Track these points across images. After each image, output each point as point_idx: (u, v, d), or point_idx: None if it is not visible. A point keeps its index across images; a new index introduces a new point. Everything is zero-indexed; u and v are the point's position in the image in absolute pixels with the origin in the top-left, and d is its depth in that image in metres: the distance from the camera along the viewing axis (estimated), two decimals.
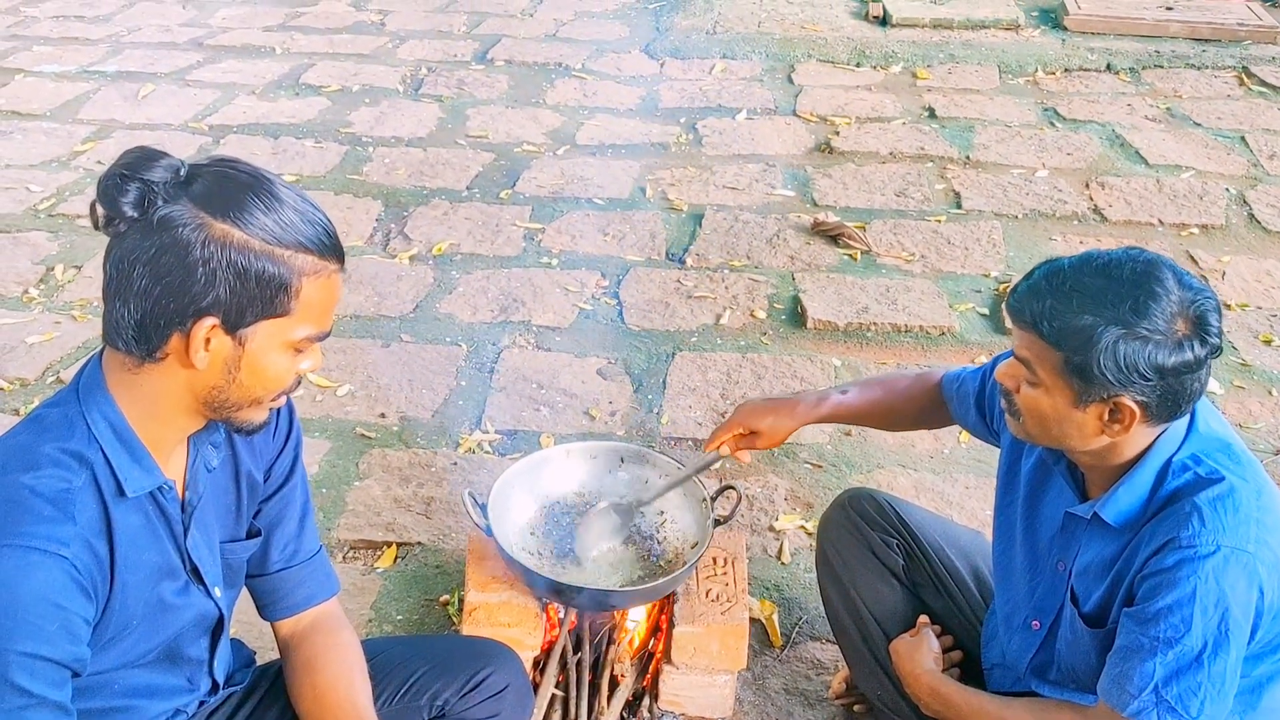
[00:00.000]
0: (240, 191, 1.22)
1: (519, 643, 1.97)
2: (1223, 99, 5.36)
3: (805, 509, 2.79)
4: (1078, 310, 1.43)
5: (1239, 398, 3.22)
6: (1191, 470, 1.53)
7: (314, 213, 1.27)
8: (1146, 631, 1.49)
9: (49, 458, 1.25)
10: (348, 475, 2.86)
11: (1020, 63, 5.75)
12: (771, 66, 5.76)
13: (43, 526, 1.21)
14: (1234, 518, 1.47)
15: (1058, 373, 1.47)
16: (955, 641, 1.95)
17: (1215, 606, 1.45)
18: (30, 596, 1.18)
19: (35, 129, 4.86)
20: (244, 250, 1.21)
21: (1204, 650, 1.46)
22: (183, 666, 1.49)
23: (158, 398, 1.29)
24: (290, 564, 1.60)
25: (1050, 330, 1.46)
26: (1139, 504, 1.56)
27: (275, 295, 1.24)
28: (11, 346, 3.33)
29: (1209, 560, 1.45)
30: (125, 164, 1.22)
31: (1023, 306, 1.49)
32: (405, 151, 4.73)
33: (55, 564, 1.20)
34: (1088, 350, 1.42)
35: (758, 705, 2.25)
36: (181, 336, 1.23)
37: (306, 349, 1.31)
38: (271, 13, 6.47)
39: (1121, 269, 1.45)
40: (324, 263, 1.27)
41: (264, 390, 1.31)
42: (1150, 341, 1.41)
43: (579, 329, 3.51)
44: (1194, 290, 1.44)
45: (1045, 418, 1.53)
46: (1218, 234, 4.14)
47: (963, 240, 4.03)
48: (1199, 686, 1.47)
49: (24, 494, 1.22)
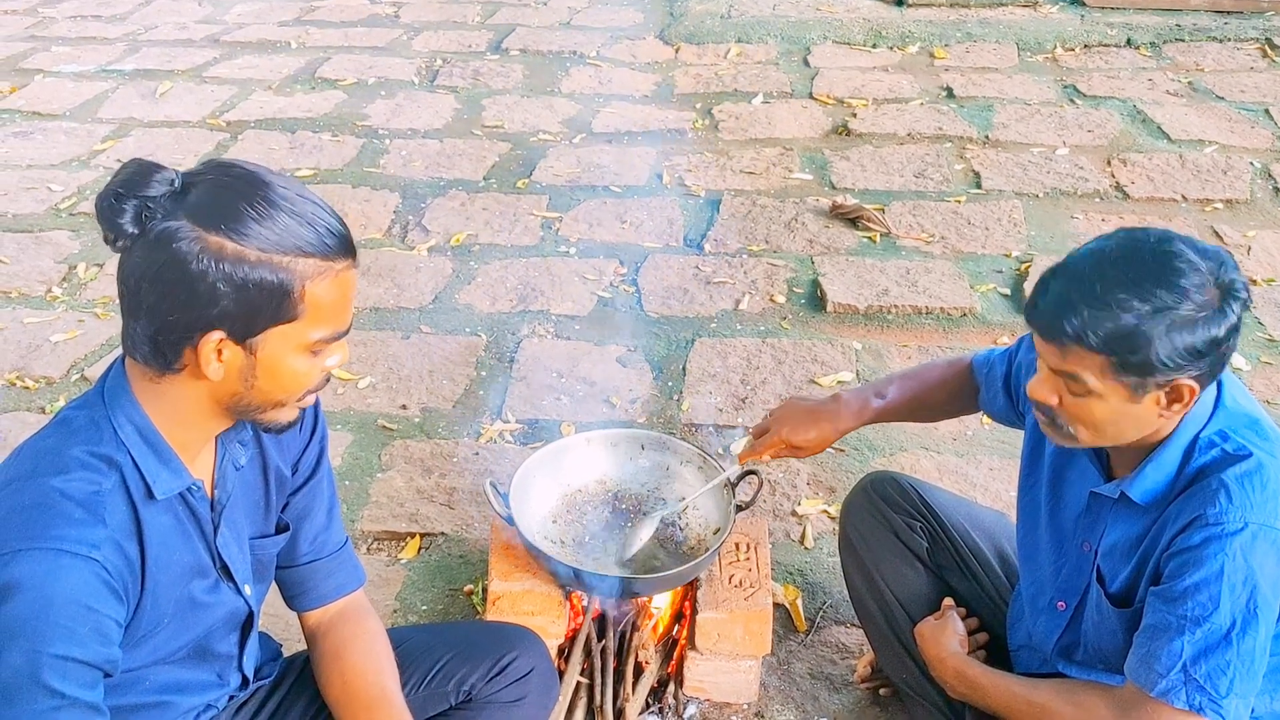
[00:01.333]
0: (234, 200, 1.20)
1: (543, 630, 1.97)
2: (1246, 71, 5.28)
3: (828, 493, 2.78)
4: (1117, 313, 1.40)
5: (1266, 373, 3.19)
6: (1219, 446, 1.51)
7: (315, 212, 1.24)
8: (1174, 610, 1.48)
9: (78, 461, 1.26)
10: (371, 467, 2.88)
11: (1039, 40, 5.69)
12: (787, 49, 5.72)
13: (73, 529, 1.21)
14: (1262, 494, 1.46)
15: (1108, 375, 1.44)
16: (981, 624, 1.94)
17: (1244, 584, 1.44)
18: (62, 599, 1.19)
19: (55, 129, 4.89)
20: (239, 261, 1.19)
21: (1232, 628, 1.45)
22: (213, 662, 1.50)
23: (181, 404, 1.30)
24: (318, 556, 1.61)
25: (1098, 340, 1.41)
26: (1166, 481, 1.54)
27: (280, 302, 1.22)
28: (36, 345, 3.36)
29: (1237, 537, 1.44)
30: (121, 181, 1.21)
31: (1058, 322, 1.44)
32: (422, 143, 4.73)
33: (86, 566, 1.21)
34: (1143, 348, 1.39)
35: (783, 690, 2.25)
36: (193, 350, 1.23)
37: (325, 348, 1.30)
38: (286, 8, 6.48)
39: (1140, 255, 1.42)
40: (328, 263, 1.24)
41: (285, 393, 1.31)
42: (1198, 321, 1.39)
43: (598, 317, 3.51)
44: (1211, 255, 1.43)
45: (1100, 421, 1.50)
46: (1243, 208, 4.08)
47: (983, 220, 4.00)
48: (1228, 665, 1.46)
49: (55, 497, 1.22)
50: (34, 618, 1.18)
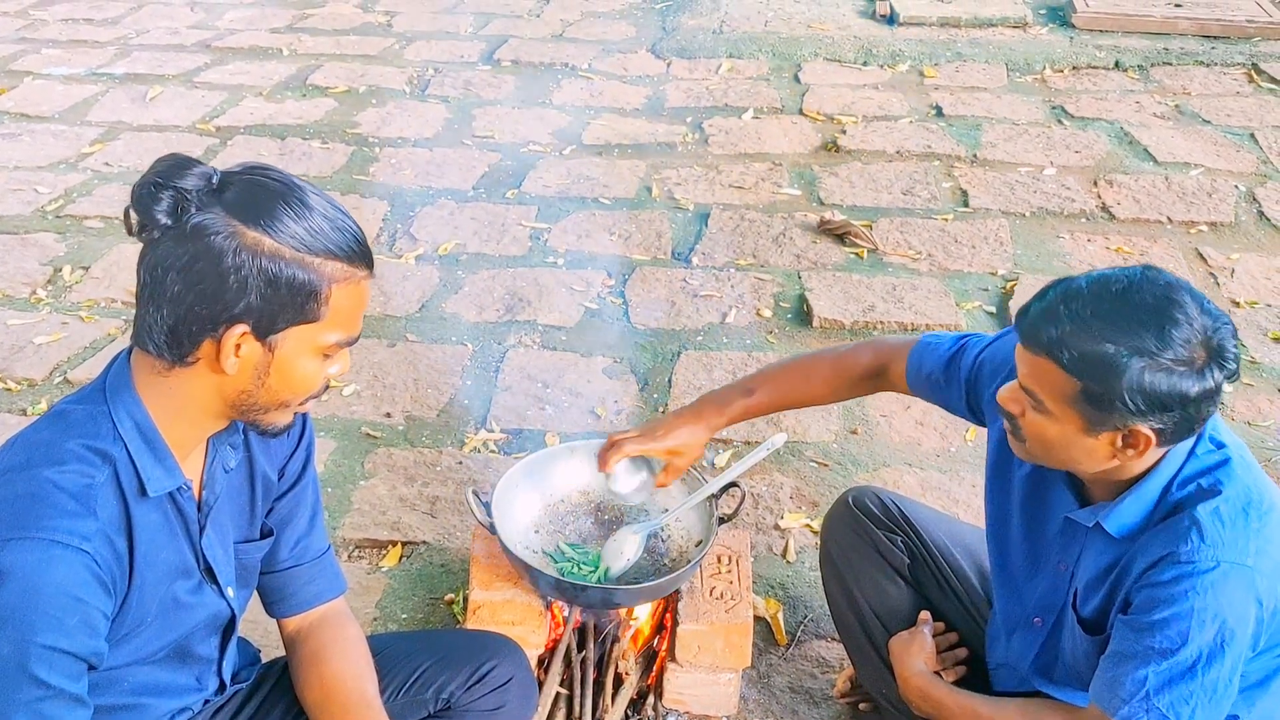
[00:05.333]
0: (272, 199, 1.24)
1: (523, 640, 1.96)
2: (1232, 96, 5.33)
3: (811, 507, 2.78)
4: (1098, 338, 1.38)
5: (1248, 395, 3.21)
6: (1194, 481, 1.51)
7: (344, 220, 1.28)
8: (1141, 640, 1.48)
9: (73, 453, 1.27)
10: (353, 474, 2.87)
11: (1028, 61, 5.73)
12: (778, 65, 5.75)
13: (65, 520, 1.22)
14: (1232, 531, 1.45)
15: (1068, 402, 1.43)
16: (960, 639, 1.94)
17: (1213, 620, 1.44)
18: (52, 589, 1.19)
19: (44, 131, 4.88)
20: (275, 258, 1.22)
21: (1198, 660, 1.45)
22: (192, 665, 1.50)
23: (186, 400, 1.31)
24: (300, 562, 1.61)
25: (1069, 359, 1.40)
26: (1143, 515, 1.54)
27: (306, 302, 1.25)
28: (19, 347, 3.34)
29: (1207, 576, 1.44)
30: (159, 171, 1.23)
31: (1038, 330, 1.43)
32: (412, 152, 4.73)
33: (77, 557, 1.22)
34: (1110, 381, 1.38)
35: (762, 703, 2.24)
36: (213, 342, 1.25)
37: (335, 354, 1.33)
38: (279, 14, 6.48)
39: (1141, 294, 1.40)
40: (353, 269, 1.28)
41: (292, 394, 1.33)
42: (1174, 373, 1.37)
43: (585, 328, 3.51)
44: (1213, 316, 1.40)
45: (1052, 444, 1.50)
46: (1227, 231, 4.11)
47: (970, 239, 4.02)
48: (1190, 695, 1.46)
49: (47, 488, 1.23)
50: (23, 607, 1.18)
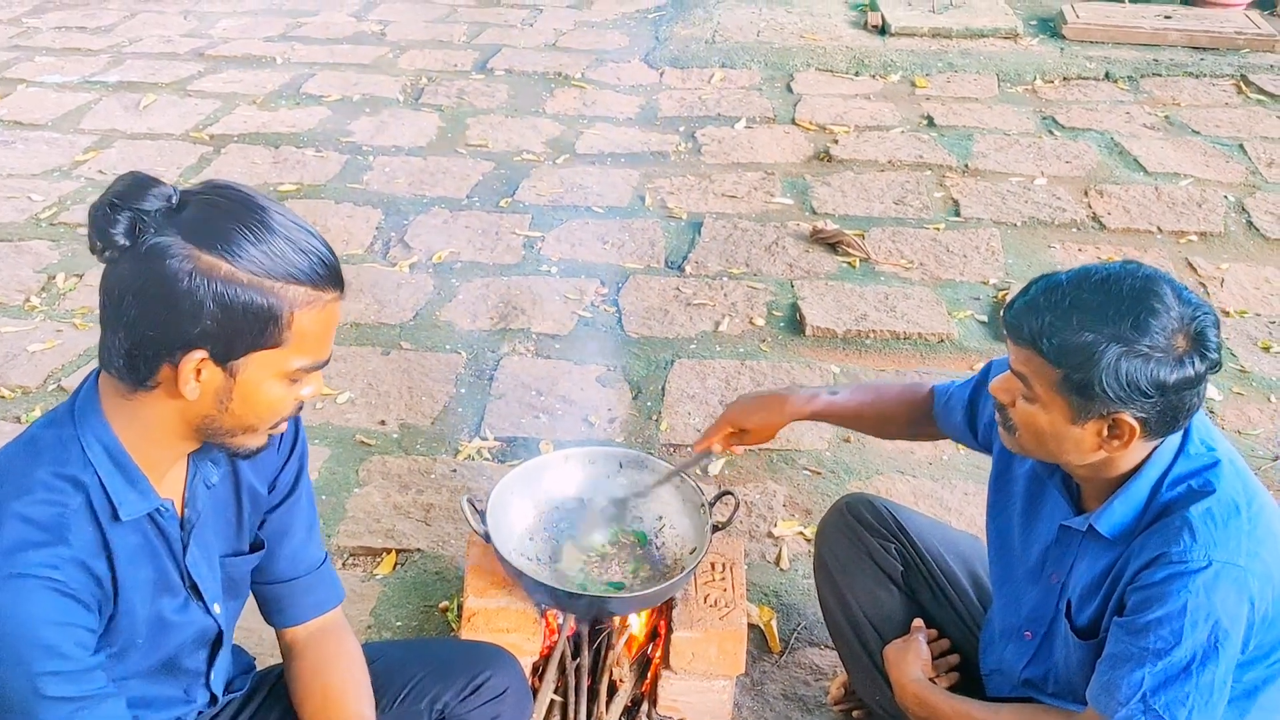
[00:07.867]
0: (230, 221, 1.19)
1: (518, 648, 1.97)
2: (1221, 107, 5.37)
3: (804, 515, 2.79)
4: (1077, 327, 1.42)
5: (1238, 404, 3.23)
6: (1185, 482, 1.52)
7: (309, 241, 1.23)
8: (1136, 642, 1.50)
9: (42, 483, 1.25)
10: (348, 482, 2.87)
11: (1019, 71, 5.76)
12: (770, 75, 5.78)
13: (32, 553, 1.22)
14: (1224, 531, 1.47)
15: (1055, 389, 1.47)
16: (953, 646, 1.95)
17: (1205, 620, 1.45)
18: (34, 621, 1.20)
19: (37, 139, 4.88)
20: (231, 282, 1.18)
21: (1192, 661, 1.46)
22: (180, 678, 1.49)
23: (151, 423, 1.28)
24: (297, 573, 1.60)
25: (1049, 347, 1.44)
26: (1134, 515, 1.55)
27: (265, 327, 1.21)
28: (13, 354, 3.34)
29: (1200, 575, 1.45)
30: (117, 192, 1.20)
31: (1020, 323, 1.48)
32: (405, 160, 4.74)
33: (48, 588, 1.22)
34: (1088, 368, 1.41)
35: (756, 711, 2.25)
36: (171, 367, 1.22)
37: (303, 378, 1.29)
38: (272, 23, 6.49)
39: (1120, 284, 1.44)
40: (318, 292, 1.24)
41: (257, 419, 1.29)
42: (1151, 359, 1.40)
43: (578, 336, 3.51)
44: (1193, 306, 1.43)
45: (1041, 433, 1.52)
46: (1216, 241, 4.14)
47: (961, 248, 4.04)
48: (1187, 696, 1.47)
49: (14, 522, 1.22)
50: (15, 644, 1.19)
